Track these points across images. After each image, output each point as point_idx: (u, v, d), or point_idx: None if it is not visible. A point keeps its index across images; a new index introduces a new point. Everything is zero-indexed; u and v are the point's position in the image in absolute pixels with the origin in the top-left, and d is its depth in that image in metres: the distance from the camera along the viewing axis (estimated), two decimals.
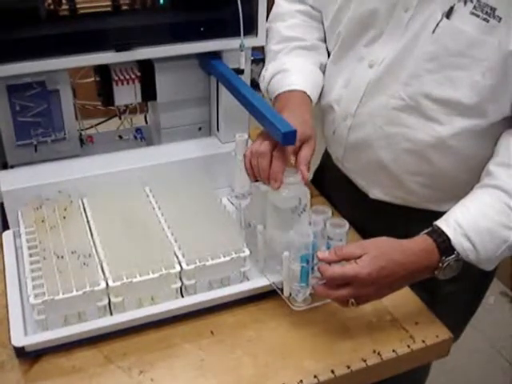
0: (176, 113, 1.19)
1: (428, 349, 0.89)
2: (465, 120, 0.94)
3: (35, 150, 1.10)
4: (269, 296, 0.93)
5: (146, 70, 1.12)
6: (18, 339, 0.83)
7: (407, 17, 0.94)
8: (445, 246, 0.85)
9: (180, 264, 0.91)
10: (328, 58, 1.12)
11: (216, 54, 1.12)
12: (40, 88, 1.05)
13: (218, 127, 1.21)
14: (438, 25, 0.90)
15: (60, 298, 0.84)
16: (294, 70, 1.08)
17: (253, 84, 1.13)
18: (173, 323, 0.90)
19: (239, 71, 1.11)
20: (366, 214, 1.10)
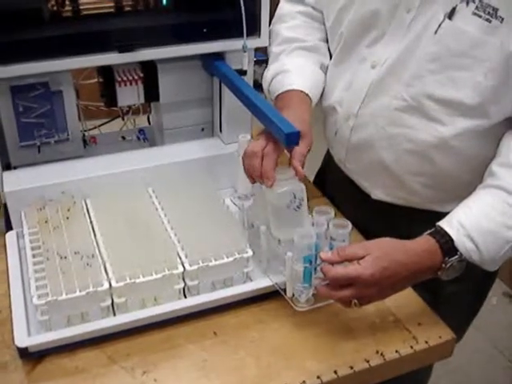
0: (179, 114, 1.19)
1: (431, 349, 0.89)
2: (467, 120, 0.94)
3: (38, 150, 1.11)
4: (272, 296, 0.94)
5: (149, 70, 1.12)
6: (22, 340, 0.83)
7: (409, 17, 0.94)
8: (448, 247, 0.85)
9: (183, 265, 0.91)
10: (330, 58, 1.12)
11: (219, 55, 1.12)
12: (43, 89, 1.05)
13: (220, 128, 1.22)
14: (440, 25, 0.90)
15: (63, 298, 0.84)
16: (294, 71, 1.08)
17: (256, 85, 1.14)
18: (176, 324, 0.90)
19: (242, 72, 1.11)
20: (369, 215, 1.10)
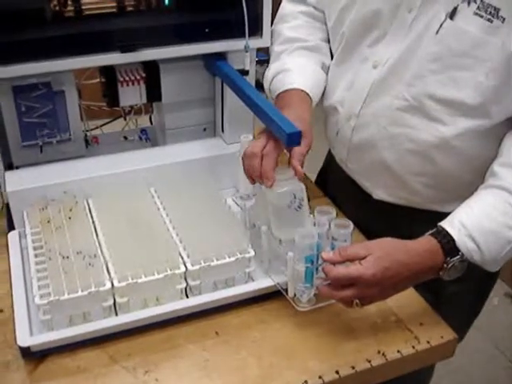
0: (181, 114, 1.19)
1: (433, 349, 0.89)
2: (468, 120, 0.94)
3: (41, 150, 1.11)
4: (273, 297, 0.94)
5: (151, 70, 1.12)
6: (24, 339, 0.83)
7: (411, 17, 0.94)
8: (449, 247, 0.85)
9: (185, 264, 0.91)
10: (331, 58, 1.13)
11: (221, 55, 1.12)
12: (45, 89, 1.05)
13: (222, 128, 1.22)
14: (441, 25, 0.90)
15: (65, 298, 0.84)
16: (295, 70, 1.08)
17: (257, 85, 1.14)
18: (178, 324, 0.90)
19: (244, 72, 1.11)
20: (370, 215, 1.10)
